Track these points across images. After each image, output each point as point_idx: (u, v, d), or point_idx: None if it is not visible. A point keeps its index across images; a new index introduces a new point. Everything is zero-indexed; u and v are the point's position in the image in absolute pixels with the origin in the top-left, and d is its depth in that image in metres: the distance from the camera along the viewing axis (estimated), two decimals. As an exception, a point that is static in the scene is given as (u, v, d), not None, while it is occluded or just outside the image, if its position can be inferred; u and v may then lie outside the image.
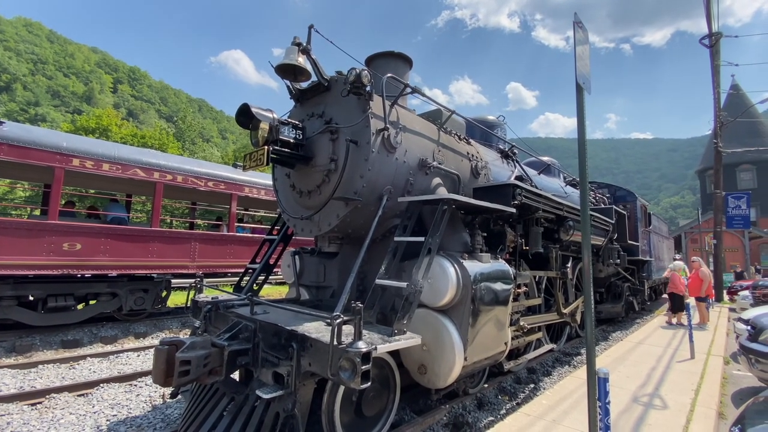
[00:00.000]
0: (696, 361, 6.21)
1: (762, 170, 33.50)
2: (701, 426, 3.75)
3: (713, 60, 15.14)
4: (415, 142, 4.13)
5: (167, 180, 8.40)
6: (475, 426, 4.26)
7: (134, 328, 8.48)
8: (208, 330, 3.90)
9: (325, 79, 3.96)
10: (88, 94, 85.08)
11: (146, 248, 8.12)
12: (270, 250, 4.79)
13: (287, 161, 3.85)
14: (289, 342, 2.86)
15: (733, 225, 17.92)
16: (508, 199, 4.40)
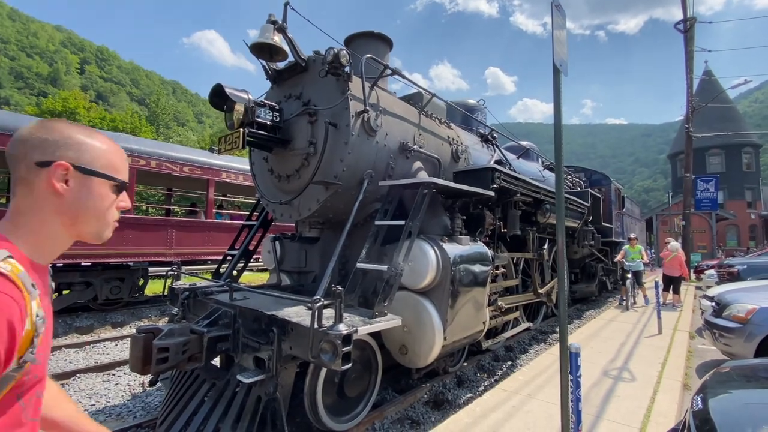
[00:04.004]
0: (663, 336, 6.53)
1: (730, 154, 34.88)
2: (667, 396, 3.96)
3: (687, 45, 15.48)
4: (395, 125, 4.10)
5: (140, 165, 8.11)
6: (455, 402, 4.39)
7: (111, 317, 8.29)
8: (187, 317, 3.84)
9: (303, 59, 3.87)
10: (53, 75, 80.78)
11: (120, 236, 7.87)
12: (249, 236, 4.72)
13: (264, 145, 3.77)
14: (270, 327, 2.86)
15: (701, 207, 18.69)
16: (488, 183, 4.45)
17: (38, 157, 0.81)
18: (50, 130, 0.84)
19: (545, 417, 3.45)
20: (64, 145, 0.83)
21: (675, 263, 9.69)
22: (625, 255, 9.88)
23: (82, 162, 0.85)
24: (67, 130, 0.86)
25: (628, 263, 9.78)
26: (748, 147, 35.38)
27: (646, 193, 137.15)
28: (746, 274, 9.57)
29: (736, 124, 34.14)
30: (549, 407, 3.63)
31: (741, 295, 5.02)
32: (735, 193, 34.01)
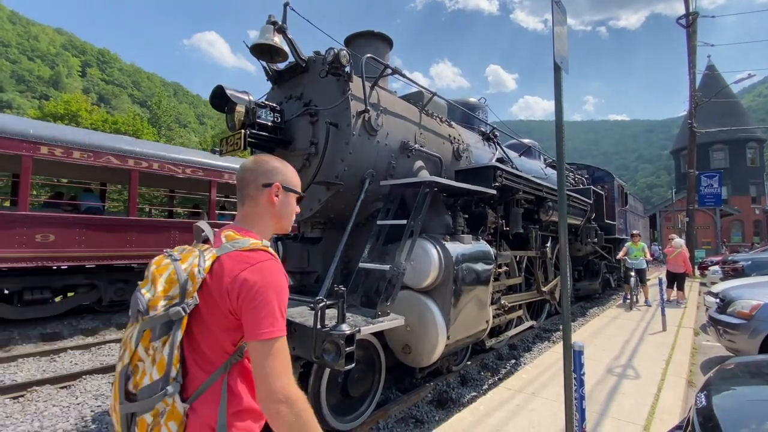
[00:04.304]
0: (668, 333, 6.51)
1: (734, 150, 34.64)
2: (671, 393, 3.96)
3: (690, 40, 15.39)
4: (396, 124, 4.11)
5: (143, 167, 8.15)
6: (459, 401, 4.39)
7: (116, 319, 8.33)
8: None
9: (303, 60, 3.88)
10: (55, 78, 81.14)
11: (124, 238, 7.92)
12: (252, 236, 4.74)
13: (266, 146, 3.78)
14: (273, 327, 2.87)
15: (705, 203, 18.60)
16: (489, 181, 4.45)
17: (263, 180, 1.22)
18: (266, 163, 1.26)
19: (550, 415, 3.45)
20: (276, 173, 1.24)
21: (679, 260, 9.64)
22: (627, 252, 9.61)
23: (285, 183, 1.26)
24: (275, 163, 1.27)
25: (630, 261, 9.51)
26: (753, 142, 35.15)
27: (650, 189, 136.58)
28: (751, 269, 9.53)
29: (739, 118, 33.89)
30: (553, 405, 3.63)
31: (745, 291, 5.00)
32: (739, 188, 33.80)
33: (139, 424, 1.00)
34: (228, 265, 1.04)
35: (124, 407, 1.01)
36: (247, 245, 1.09)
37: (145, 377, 1.00)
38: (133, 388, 1.01)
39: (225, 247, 1.08)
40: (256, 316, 0.99)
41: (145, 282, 1.06)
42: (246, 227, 1.19)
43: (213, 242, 1.13)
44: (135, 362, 1.02)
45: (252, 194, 1.22)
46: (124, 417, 1.01)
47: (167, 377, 0.99)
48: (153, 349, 1.00)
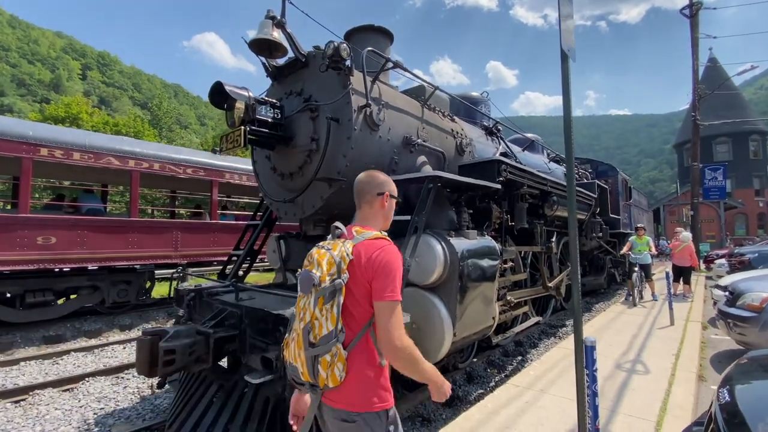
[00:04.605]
0: (676, 327, 6.43)
1: (737, 142, 34.43)
2: (682, 388, 3.89)
3: (693, 31, 15.24)
4: (398, 119, 4.04)
5: (144, 168, 8.11)
6: (466, 399, 4.34)
7: (119, 320, 8.31)
8: (193, 319, 3.82)
9: (303, 55, 3.81)
10: (55, 81, 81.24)
11: (126, 239, 7.89)
12: (253, 235, 4.69)
13: (266, 142, 3.72)
14: (277, 326, 2.81)
15: (709, 196, 18.44)
16: (494, 176, 4.38)
17: (377, 190, 1.65)
18: (378, 177, 1.70)
19: (558, 412, 3.39)
20: (386, 185, 1.68)
21: (685, 253, 9.53)
22: (632, 247, 9.33)
23: (391, 192, 1.70)
24: (384, 177, 1.71)
25: (634, 255, 9.23)
26: (755, 134, 34.91)
27: (652, 183, 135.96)
28: (758, 262, 9.42)
29: (742, 111, 33.67)
30: (562, 402, 3.56)
31: (755, 283, 4.92)
32: (743, 181, 33.58)
33: (322, 362, 1.37)
34: (364, 250, 1.44)
35: (310, 351, 1.38)
36: (372, 236, 1.51)
37: (323, 329, 1.37)
38: (313, 339, 1.39)
39: (358, 238, 1.49)
40: (382, 283, 1.40)
41: (311, 266, 1.43)
42: (366, 224, 1.61)
43: (346, 235, 1.54)
44: (312, 321, 1.39)
45: (369, 200, 1.66)
46: (310, 359, 1.39)
47: (337, 329, 1.38)
48: (326, 310, 1.38)
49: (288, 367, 1.50)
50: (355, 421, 1.39)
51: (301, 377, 1.44)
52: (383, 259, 1.42)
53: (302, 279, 1.43)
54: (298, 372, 1.44)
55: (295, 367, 1.45)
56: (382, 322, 1.38)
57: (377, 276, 1.40)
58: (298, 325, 1.44)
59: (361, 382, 1.41)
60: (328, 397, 1.44)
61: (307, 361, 1.39)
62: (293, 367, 1.46)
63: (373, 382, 1.43)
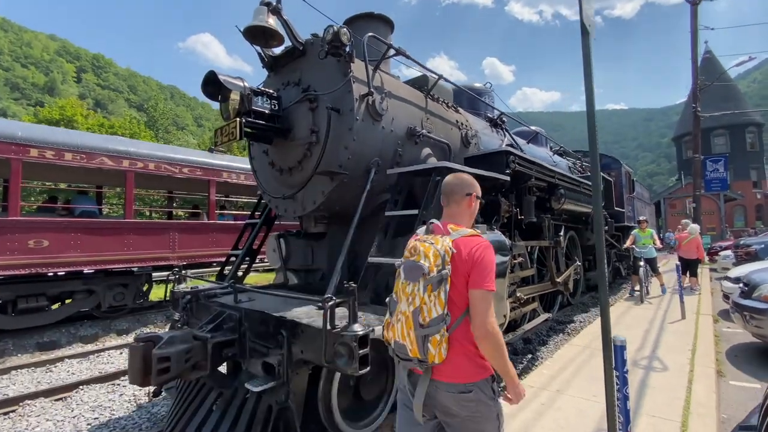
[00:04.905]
0: (687, 321, 6.28)
1: (735, 134, 34.32)
2: (703, 386, 3.72)
3: (693, 21, 15.08)
4: (402, 109, 3.85)
5: (138, 168, 7.89)
6: (476, 401, 4.17)
7: (115, 325, 8.10)
8: (190, 322, 3.63)
9: (300, 43, 3.62)
10: (49, 84, 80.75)
11: (121, 241, 7.68)
12: (252, 234, 4.49)
13: (263, 135, 3.52)
14: (278, 329, 2.63)
15: (711, 188, 18.32)
16: (503, 167, 4.21)
17: (467, 191, 1.81)
18: (467, 179, 1.85)
19: (576, 414, 3.22)
20: (474, 186, 1.85)
21: (692, 246, 9.36)
22: (635, 240, 9.00)
23: (476, 193, 1.85)
24: (471, 179, 1.86)
25: (639, 249, 8.89)
26: (752, 126, 34.80)
27: (650, 177, 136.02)
28: (764, 253, 9.27)
29: (738, 103, 33.53)
30: (579, 403, 3.40)
31: (772, 274, 4.75)
32: (740, 173, 33.46)
33: (432, 341, 1.53)
34: (463, 245, 1.61)
35: (420, 332, 1.54)
36: (467, 233, 1.67)
37: (432, 312, 1.53)
38: (422, 321, 1.54)
39: (455, 235, 1.66)
40: (480, 274, 1.57)
41: (418, 256, 1.60)
42: (455, 221, 1.78)
43: (443, 231, 1.70)
44: (422, 305, 1.55)
45: (457, 200, 1.82)
46: (420, 338, 1.54)
47: (444, 313, 1.53)
48: (434, 296, 1.54)
49: (393, 345, 1.70)
50: (471, 390, 1.59)
51: (409, 354, 1.60)
52: (481, 253, 1.61)
53: (409, 268, 1.63)
54: (406, 349, 1.60)
55: (403, 345, 1.61)
56: (478, 308, 1.56)
57: (475, 268, 1.58)
58: (407, 308, 1.61)
59: (469, 357, 1.61)
60: (440, 374, 1.61)
61: (417, 339, 1.56)
62: (400, 344, 1.63)
63: (477, 355, 1.62)
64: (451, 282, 1.57)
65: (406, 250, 1.74)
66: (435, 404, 1.63)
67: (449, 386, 1.59)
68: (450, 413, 1.61)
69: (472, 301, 1.57)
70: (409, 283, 1.62)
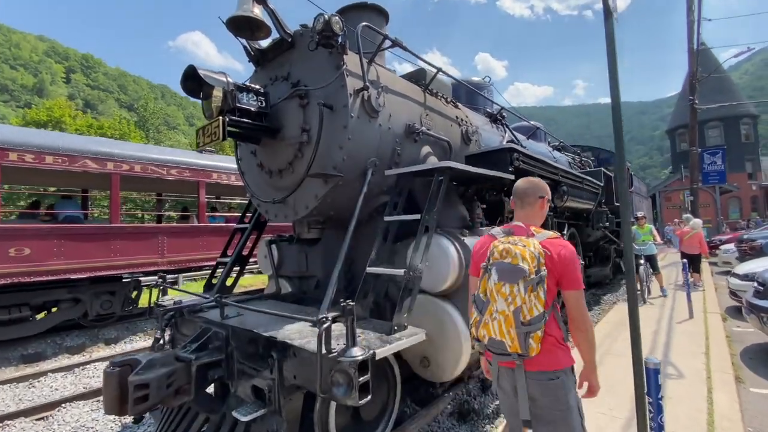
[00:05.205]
0: (695, 320, 6.09)
1: (729, 126, 34.27)
2: (725, 395, 3.52)
3: (689, 13, 14.89)
4: (399, 105, 3.59)
5: (124, 170, 7.57)
6: (482, 412, 3.94)
7: (103, 334, 7.80)
8: (176, 339, 3.37)
9: (288, 34, 3.34)
10: (38, 85, 79.44)
11: (107, 247, 7.37)
12: (242, 240, 4.22)
13: (250, 135, 3.25)
14: (268, 351, 2.37)
15: (709, 181, 18.22)
16: (506, 166, 3.95)
17: (539, 194, 2.00)
18: (539, 182, 2.04)
19: (593, 429, 2.99)
20: (545, 189, 2.03)
21: (695, 241, 9.18)
22: (634, 237, 8.60)
23: (548, 196, 2.04)
24: (542, 183, 2.05)
25: (638, 246, 8.48)
26: (746, 118, 34.79)
27: (643, 170, 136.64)
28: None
29: (732, 95, 33.44)
30: (598, 419, 3.16)
31: (789, 273, 4.55)
32: (735, 165, 33.41)
33: (534, 337, 1.66)
34: (551, 247, 1.74)
35: (522, 329, 1.65)
36: (550, 235, 1.80)
37: (534, 311, 1.65)
38: (523, 319, 1.65)
39: (539, 237, 1.77)
40: (573, 275, 1.73)
41: (515, 259, 1.69)
42: (530, 222, 1.90)
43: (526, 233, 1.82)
44: (522, 305, 1.65)
45: (531, 202, 1.95)
46: (522, 335, 1.65)
47: (544, 311, 1.67)
48: (534, 296, 1.65)
49: (488, 342, 1.78)
50: (559, 377, 1.74)
51: (507, 349, 1.71)
52: (569, 255, 1.75)
53: (507, 270, 1.70)
54: (504, 345, 1.71)
55: (501, 342, 1.71)
56: (577, 306, 1.73)
57: (567, 270, 1.72)
58: (505, 308, 1.70)
59: (558, 348, 1.77)
60: (530, 365, 1.74)
61: (518, 336, 1.67)
62: (497, 341, 1.72)
63: (563, 346, 1.79)
64: None
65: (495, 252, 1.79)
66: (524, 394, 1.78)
67: (539, 374, 1.75)
68: (537, 403, 1.76)
69: (569, 301, 1.76)
70: (504, 283, 1.71)
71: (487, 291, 1.77)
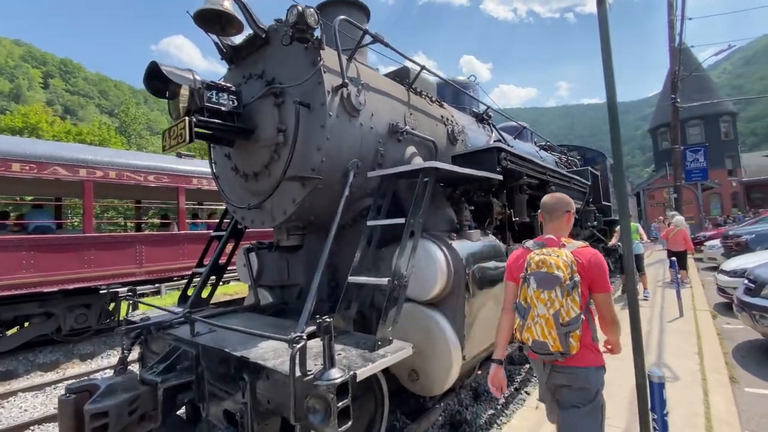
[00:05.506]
0: (686, 319, 6.04)
1: (709, 124, 34.98)
2: (720, 397, 3.42)
3: (669, 12, 15.11)
4: (382, 103, 3.42)
5: (97, 177, 7.23)
6: (475, 423, 3.77)
7: (79, 349, 7.43)
8: (146, 357, 3.13)
9: (262, 29, 3.14)
10: (15, 91, 77.14)
11: (81, 258, 7.02)
12: (218, 249, 3.99)
13: (222, 137, 3.04)
14: (240, 372, 2.16)
15: (692, 178, 18.49)
16: (494, 166, 3.81)
17: (566, 208, 2.18)
18: (565, 197, 2.21)
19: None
20: (571, 204, 2.20)
21: (679, 238, 9.22)
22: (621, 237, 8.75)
23: (573, 210, 2.21)
24: (567, 198, 2.22)
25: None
26: (726, 116, 35.57)
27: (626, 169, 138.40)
28: (755, 243, 9.16)
29: (712, 93, 34.18)
30: (592, 427, 3.02)
31: (780, 270, 4.51)
32: (716, 162, 34.09)
33: (573, 336, 1.87)
34: (582, 255, 1.97)
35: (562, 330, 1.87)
36: (579, 245, 2.04)
37: (571, 313, 1.86)
38: (562, 321, 1.87)
39: (570, 246, 2.02)
40: (602, 279, 1.94)
41: (551, 269, 1.91)
42: (559, 234, 2.13)
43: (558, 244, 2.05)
44: (560, 308, 1.87)
45: (559, 215, 2.18)
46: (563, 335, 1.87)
47: (580, 312, 1.88)
48: (571, 300, 1.87)
49: (532, 344, 1.96)
50: (589, 373, 1.93)
51: (550, 349, 1.89)
52: (599, 262, 1.95)
53: (544, 278, 1.91)
54: (547, 346, 1.89)
55: (544, 342, 1.90)
56: (607, 306, 1.97)
57: (597, 275, 1.92)
58: (545, 312, 1.89)
59: (591, 347, 1.95)
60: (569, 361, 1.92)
61: (559, 337, 1.86)
62: (540, 342, 1.91)
63: (594, 345, 1.99)
64: None
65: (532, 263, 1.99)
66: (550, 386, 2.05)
67: (572, 369, 1.95)
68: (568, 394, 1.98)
69: (600, 301, 1.98)
70: (543, 290, 1.92)
71: (528, 298, 1.98)
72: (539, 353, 1.95)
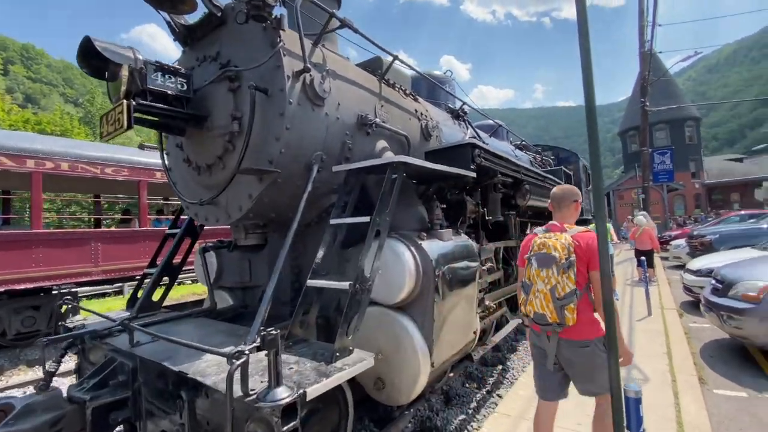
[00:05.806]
0: (654, 318, 6.11)
1: (674, 128, 36.43)
2: (690, 399, 3.40)
3: (640, 19, 15.48)
4: (350, 92, 3.20)
5: (47, 168, 6.69)
6: (446, 429, 3.63)
7: (26, 354, 6.88)
8: (82, 369, 2.81)
9: (218, 8, 2.85)
10: (-31, 78, 72.23)
11: (28, 256, 6.48)
12: (172, 247, 3.68)
13: (169, 124, 2.74)
14: (178, 389, 1.91)
15: (659, 180, 19.09)
16: (468, 163, 3.65)
17: (573, 198, 2.57)
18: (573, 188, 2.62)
19: (562, 449, 2.74)
20: (579, 194, 2.60)
21: (645, 237, 9.44)
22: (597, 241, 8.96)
23: (579, 199, 2.59)
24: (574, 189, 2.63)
25: None
26: (690, 120, 37.11)
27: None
28: (719, 243, 9.46)
29: (678, 99, 35.57)
30: (564, 434, 2.92)
31: (746, 270, 4.56)
32: (680, 164, 35.43)
33: (568, 309, 2.15)
34: (581, 238, 2.26)
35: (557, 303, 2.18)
36: (580, 229, 2.33)
37: (566, 288, 2.16)
38: (558, 295, 2.17)
39: (571, 231, 2.32)
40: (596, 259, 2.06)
41: (549, 250, 2.24)
42: (565, 222, 2.45)
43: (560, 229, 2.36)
44: (556, 284, 2.18)
45: (567, 205, 2.52)
46: (558, 308, 2.17)
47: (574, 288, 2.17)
48: (566, 277, 2.17)
49: (534, 316, 2.30)
50: (589, 345, 2.23)
51: (548, 320, 2.22)
52: (594, 244, 2.16)
53: (543, 258, 2.26)
54: (546, 317, 2.22)
55: (543, 314, 2.23)
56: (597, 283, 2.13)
57: (594, 255, 2.15)
58: (544, 287, 2.23)
59: (590, 320, 2.25)
60: (567, 334, 2.24)
61: (556, 309, 2.18)
62: (540, 314, 2.24)
63: (595, 320, 2.26)
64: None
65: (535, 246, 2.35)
66: (561, 357, 2.30)
67: (572, 342, 2.24)
68: (571, 363, 2.29)
69: (593, 279, 2.20)
70: (542, 269, 2.24)
71: (530, 276, 2.31)
72: (540, 324, 2.26)
